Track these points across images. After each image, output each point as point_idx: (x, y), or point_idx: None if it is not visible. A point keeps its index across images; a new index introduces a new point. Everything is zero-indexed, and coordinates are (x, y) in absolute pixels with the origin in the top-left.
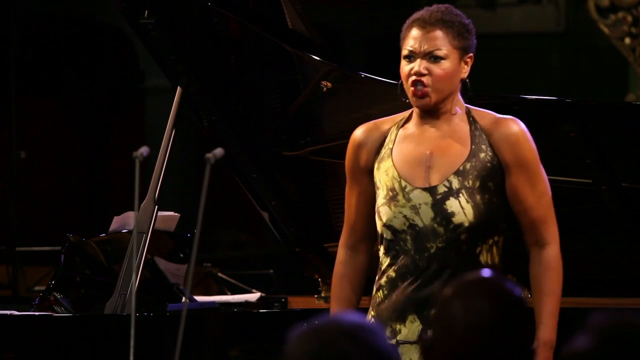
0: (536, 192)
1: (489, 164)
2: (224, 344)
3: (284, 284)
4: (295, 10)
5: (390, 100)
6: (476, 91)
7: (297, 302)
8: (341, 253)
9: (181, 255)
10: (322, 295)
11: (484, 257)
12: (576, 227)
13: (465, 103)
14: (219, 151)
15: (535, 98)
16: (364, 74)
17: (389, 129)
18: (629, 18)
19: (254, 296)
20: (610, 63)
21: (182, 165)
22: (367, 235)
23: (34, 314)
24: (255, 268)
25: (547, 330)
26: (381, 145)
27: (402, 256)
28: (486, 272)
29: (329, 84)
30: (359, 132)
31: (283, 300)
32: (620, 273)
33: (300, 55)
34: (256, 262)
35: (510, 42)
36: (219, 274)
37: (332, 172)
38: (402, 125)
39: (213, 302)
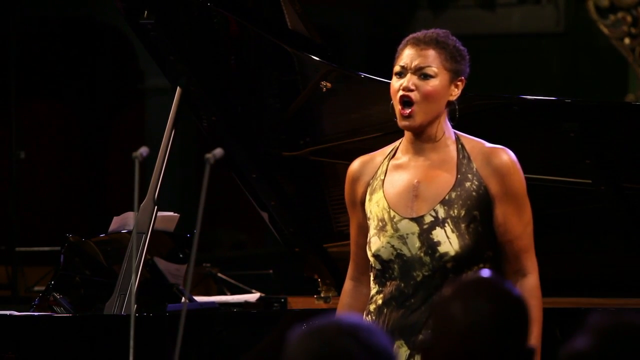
0: (522, 222)
1: (474, 193)
2: (223, 344)
3: (284, 284)
4: (294, 11)
5: (389, 101)
6: (476, 91)
7: (297, 302)
8: (346, 284)
9: (181, 256)
10: (322, 295)
11: None
12: (576, 227)
13: (463, 102)
14: (218, 151)
15: (535, 98)
16: (363, 74)
17: (382, 161)
18: (629, 18)
19: (253, 296)
20: (610, 63)
21: (181, 166)
22: (369, 267)
23: (34, 314)
24: (255, 268)
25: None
26: (373, 178)
27: (388, 283)
28: (485, 273)
29: (329, 84)
30: (354, 165)
31: (283, 300)
32: (620, 273)
33: (299, 56)
34: (256, 263)
35: (510, 43)
36: (219, 274)
37: (332, 173)
38: (393, 156)
39: (213, 303)
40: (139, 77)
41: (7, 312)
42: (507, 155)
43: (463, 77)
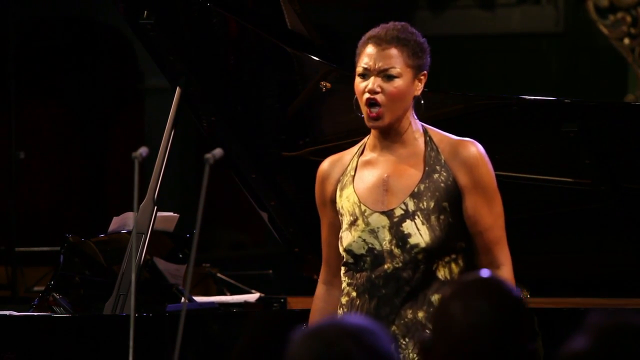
0: (493, 214)
1: (443, 185)
2: (223, 344)
3: (284, 285)
4: (294, 11)
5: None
6: (476, 91)
7: (297, 303)
8: (318, 288)
9: (180, 256)
10: None
11: (441, 273)
12: (576, 227)
13: (462, 104)
14: (218, 151)
15: (535, 98)
16: None
17: (351, 159)
18: (628, 18)
19: (253, 296)
20: (610, 63)
21: (181, 166)
22: (340, 268)
23: (33, 315)
24: (254, 268)
25: None
26: (343, 174)
27: (359, 275)
28: (485, 273)
29: (328, 85)
30: (324, 165)
31: (282, 300)
32: (620, 273)
33: (299, 56)
34: (255, 263)
35: (510, 43)
36: (218, 275)
37: None
38: (362, 153)
39: (212, 303)
40: (138, 77)
41: (7, 312)
42: (475, 148)
43: (426, 71)
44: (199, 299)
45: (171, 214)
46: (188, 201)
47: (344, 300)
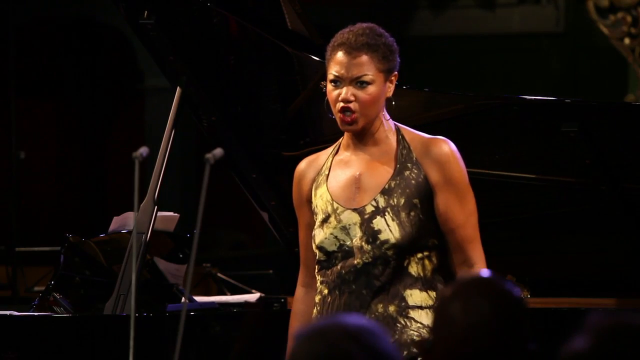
0: (465, 211)
1: (413, 182)
2: (223, 344)
3: (284, 284)
4: (294, 11)
5: (389, 101)
6: (476, 91)
7: None
8: (297, 291)
9: (180, 256)
10: None
11: (413, 269)
12: (576, 227)
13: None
14: (218, 151)
15: (535, 98)
16: None
17: (326, 159)
18: (629, 18)
19: (253, 296)
20: (610, 63)
21: (181, 166)
22: None
23: (34, 315)
24: (254, 268)
25: None
26: (318, 174)
27: (329, 272)
28: (485, 273)
29: None
30: (301, 166)
31: (283, 300)
32: (620, 273)
33: (299, 56)
34: (256, 263)
35: (510, 43)
36: (219, 275)
37: None
38: (337, 152)
39: (212, 303)
40: (138, 77)
41: (7, 312)
42: (446, 145)
43: (396, 72)
44: (199, 299)
45: (171, 213)
46: (188, 201)
47: (317, 298)
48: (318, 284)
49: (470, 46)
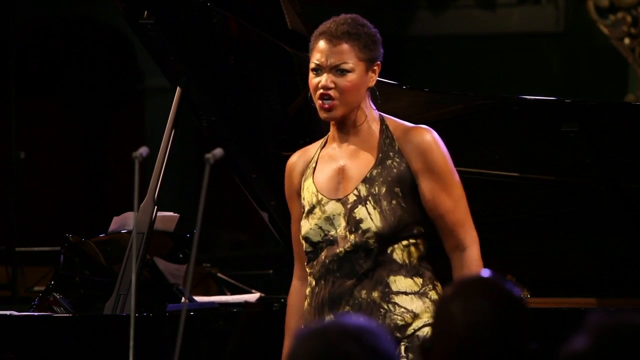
0: (453, 197)
1: (395, 170)
2: (223, 344)
3: (284, 284)
4: (294, 11)
5: (389, 101)
6: (476, 91)
7: None
8: (293, 284)
9: (180, 256)
10: None
11: (398, 256)
12: (576, 227)
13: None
14: (218, 151)
15: (535, 98)
16: None
17: (315, 151)
18: (629, 18)
19: (253, 296)
20: (610, 63)
21: (181, 166)
22: None
23: (34, 314)
24: (254, 268)
25: None
26: (307, 167)
27: (315, 263)
28: (485, 272)
29: None
30: (292, 159)
31: (283, 300)
32: (620, 273)
33: (299, 56)
34: (256, 263)
35: (510, 43)
36: (219, 275)
37: None
38: (324, 146)
39: (212, 303)
40: (138, 77)
41: (7, 312)
42: (428, 133)
43: (379, 62)
44: (199, 299)
45: (171, 213)
46: (188, 201)
47: (307, 290)
48: (308, 276)
49: (470, 46)
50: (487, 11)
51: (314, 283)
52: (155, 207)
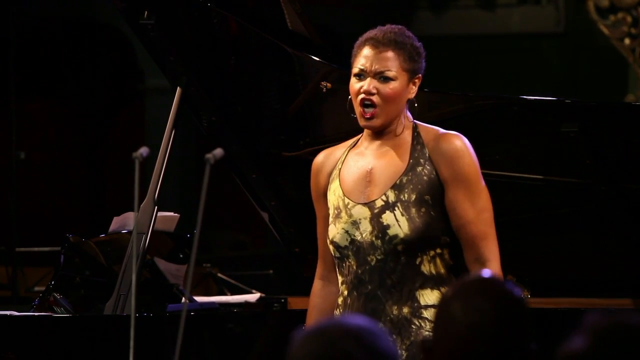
0: (476, 207)
1: (425, 177)
2: (223, 344)
3: (284, 285)
4: (295, 11)
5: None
6: (476, 91)
7: (297, 303)
8: (315, 284)
9: (181, 256)
10: None
11: (426, 268)
12: (576, 227)
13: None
14: (218, 151)
15: (535, 98)
16: None
17: (342, 153)
18: (629, 19)
19: (253, 296)
20: (610, 63)
21: (181, 166)
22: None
23: (34, 315)
24: (255, 268)
25: None
26: (334, 168)
27: (347, 272)
28: (486, 273)
29: (329, 85)
30: (318, 158)
31: (283, 300)
32: (620, 273)
33: (300, 56)
34: (256, 263)
35: (510, 43)
36: (219, 275)
37: None
38: (352, 148)
39: (213, 303)
40: (138, 77)
41: (7, 312)
42: (459, 140)
43: (420, 75)
44: (199, 299)
45: (171, 214)
46: (188, 201)
47: (340, 300)
48: (340, 284)
49: (470, 46)
50: (487, 11)
51: (346, 293)
52: (156, 207)
